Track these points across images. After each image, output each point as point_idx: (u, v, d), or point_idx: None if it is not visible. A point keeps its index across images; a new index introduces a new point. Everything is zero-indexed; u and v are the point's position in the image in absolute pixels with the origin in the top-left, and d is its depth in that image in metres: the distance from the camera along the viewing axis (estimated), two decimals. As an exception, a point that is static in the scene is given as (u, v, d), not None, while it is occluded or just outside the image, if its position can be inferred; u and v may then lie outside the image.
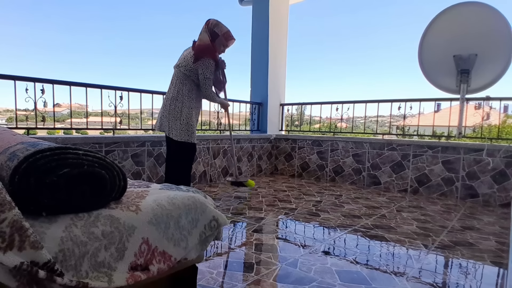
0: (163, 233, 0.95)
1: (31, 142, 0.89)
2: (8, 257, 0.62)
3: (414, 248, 1.93)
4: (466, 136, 3.66)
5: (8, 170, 0.75)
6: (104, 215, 0.84)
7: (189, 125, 2.49)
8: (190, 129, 2.50)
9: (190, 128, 2.50)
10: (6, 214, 0.64)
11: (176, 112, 2.49)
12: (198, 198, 1.12)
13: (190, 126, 2.50)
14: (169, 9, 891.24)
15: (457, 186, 3.38)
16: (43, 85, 2.63)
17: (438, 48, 3.23)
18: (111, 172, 0.87)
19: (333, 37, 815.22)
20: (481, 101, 3.48)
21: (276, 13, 4.81)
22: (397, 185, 3.73)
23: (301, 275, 1.53)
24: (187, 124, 2.49)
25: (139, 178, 3.15)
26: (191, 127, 2.51)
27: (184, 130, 2.49)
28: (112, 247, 0.81)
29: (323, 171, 4.34)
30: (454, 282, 1.53)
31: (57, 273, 0.68)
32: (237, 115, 4.53)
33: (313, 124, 5.19)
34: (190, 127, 2.50)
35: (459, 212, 2.85)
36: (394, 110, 3.92)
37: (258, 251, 1.82)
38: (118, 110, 3.15)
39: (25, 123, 2.78)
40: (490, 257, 1.84)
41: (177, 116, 2.49)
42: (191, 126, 2.51)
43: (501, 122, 4.43)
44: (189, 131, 2.50)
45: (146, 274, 0.87)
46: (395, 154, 3.75)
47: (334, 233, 2.17)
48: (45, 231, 0.72)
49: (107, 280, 0.78)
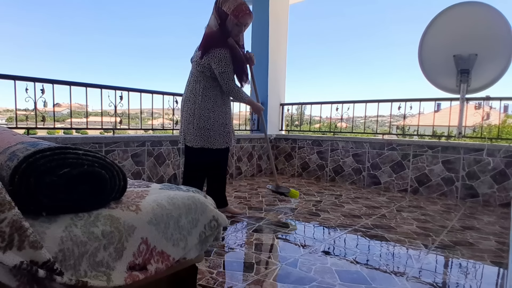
0: (163, 233, 0.95)
1: (31, 142, 0.89)
2: (8, 256, 0.62)
3: (414, 248, 1.93)
4: (466, 136, 3.66)
5: (8, 170, 0.75)
6: (104, 215, 0.84)
7: (204, 129, 2.18)
8: (207, 133, 2.18)
9: (206, 133, 2.18)
10: (5, 214, 0.64)
11: (188, 115, 2.20)
12: (198, 198, 1.12)
13: (207, 130, 2.18)
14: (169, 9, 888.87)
15: (457, 186, 3.38)
16: (43, 85, 2.63)
17: (438, 48, 3.23)
18: (111, 172, 0.87)
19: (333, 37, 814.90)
20: (481, 101, 3.48)
21: (276, 13, 4.81)
22: (397, 185, 3.73)
23: (301, 275, 1.53)
24: (202, 128, 2.17)
25: (139, 178, 3.15)
26: (207, 131, 2.18)
27: (199, 136, 2.18)
28: (111, 247, 0.81)
29: (323, 171, 4.34)
30: (454, 282, 1.53)
31: (56, 272, 0.68)
32: (237, 115, 4.53)
33: (313, 124, 5.19)
34: (206, 131, 2.18)
35: (459, 212, 2.85)
36: (394, 110, 3.93)
37: (258, 251, 1.82)
38: (118, 110, 3.15)
39: (25, 123, 2.78)
40: (490, 257, 1.84)
41: (189, 120, 2.19)
42: (207, 130, 2.18)
43: (501, 122, 4.43)
44: (205, 135, 2.18)
45: (144, 273, 0.87)
46: (395, 154, 3.75)
47: (334, 233, 2.17)
48: (45, 231, 0.72)
49: (106, 279, 0.78)
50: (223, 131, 2.24)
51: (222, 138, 2.24)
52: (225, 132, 2.26)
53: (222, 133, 2.23)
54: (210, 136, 2.19)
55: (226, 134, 2.26)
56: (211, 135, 2.19)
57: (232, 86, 2.15)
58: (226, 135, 2.27)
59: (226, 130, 2.26)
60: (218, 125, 2.21)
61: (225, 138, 2.26)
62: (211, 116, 2.18)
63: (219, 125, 2.21)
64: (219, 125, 2.21)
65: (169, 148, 3.40)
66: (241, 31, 2.15)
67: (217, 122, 2.21)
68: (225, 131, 2.26)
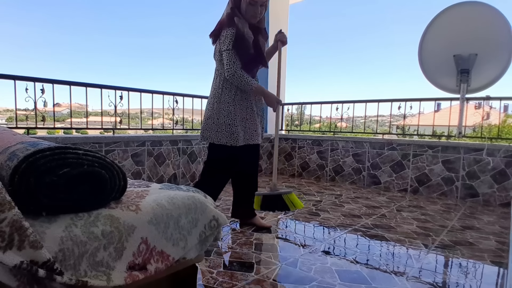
0: (163, 233, 0.95)
1: (31, 141, 0.89)
2: (8, 256, 0.62)
3: (414, 248, 1.93)
4: (466, 136, 3.66)
5: (8, 169, 0.75)
6: (104, 215, 0.84)
7: (219, 124, 1.97)
8: (220, 129, 1.97)
9: (220, 128, 1.97)
10: (6, 214, 0.64)
11: (208, 110, 2.05)
12: (198, 197, 1.12)
13: (220, 125, 1.97)
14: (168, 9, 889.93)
15: (457, 186, 3.38)
16: (43, 85, 2.63)
17: (438, 47, 3.23)
18: (111, 171, 0.87)
19: (333, 36, 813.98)
20: (481, 100, 3.48)
21: (276, 13, 4.81)
22: (397, 185, 3.73)
23: (301, 274, 1.53)
24: (216, 122, 1.98)
25: (139, 178, 3.15)
26: (221, 126, 1.97)
27: (213, 130, 1.99)
28: (111, 247, 0.81)
29: (323, 170, 4.34)
30: (454, 282, 1.53)
31: (56, 272, 0.68)
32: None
33: (313, 123, 5.18)
34: (220, 126, 1.97)
35: (459, 212, 2.85)
36: (394, 110, 3.93)
37: (258, 250, 1.82)
38: (118, 109, 3.15)
39: (25, 122, 2.78)
40: (490, 257, 1.84)
41: (208, 114, 2.04)
42: (221, 125, 1.96)
43: (501, 122, 4.43)
44: (218, 130, 1.98)
45: (144, 273, 0.87)
46: (395, 153, 3.75)
47: (334, 233, 2.17)
48: (45, 230, 0.72)
49: (106, 279, 0.78)
50: (244, 127, 2.01)
51: (244, 135, 2.00)
52: (247, 128, 2.02)
53: (244, 129, 2.01)
54: (223, 131, 1.96)
55: (248, 130, 2.02)
56: (224, 130, 1.96)
57: (233, 70, 1.88)
58: (248, 131, 2.02)
59: (248, 126, 2.02)
60: (240, 120, 1.98)
61: (247, 134, 2.02)
62: (231, 110, 1.96)
63: (240, 120, 1.98)
64: (240, 120, 1.98)
65: (169, 148, 3.40)
66: (257, 12, 1.91)
67: (238, 117, 1.98)
68: (247, 127, 2.02)
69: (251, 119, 2.05)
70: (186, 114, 4.19)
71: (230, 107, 1.97)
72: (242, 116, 2.01)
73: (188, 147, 3.61)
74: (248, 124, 2.03)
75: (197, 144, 3.69)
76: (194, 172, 3.67)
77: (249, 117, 2.04)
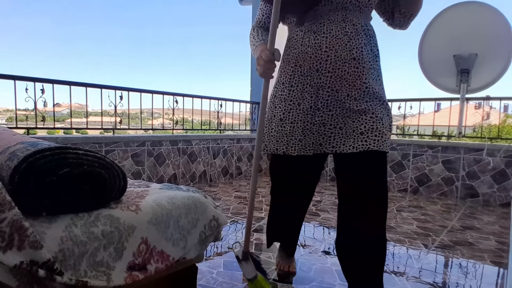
0: (163, 233, 0.95)
1: (31, 142, 0.89)
2: (8, 256, 0.62)
3: (414, 248, 1.93)
4: (466, 136, 3.67)
5: (8, 170, 0.75)
6: (104, 215, 0.84)
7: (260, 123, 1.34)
8: (266, 132, 1.45)
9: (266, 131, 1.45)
10: (6, 214, 0.64)
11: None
12: (198, 198, 1.12)
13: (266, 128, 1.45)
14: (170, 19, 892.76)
15: (457, 186, 3.38)
16: (43, 85, 2.63)
17: (438, 47, 3.23)
18: (111, 172, 0.87)
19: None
20: (481, 100, 3.49)
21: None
22: (397, 185, 3.73)
23: (301, 274, 1.53)
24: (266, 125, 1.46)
25: (139, 178, 3.15)
26: (260, 126, 1.33)
27: (264, 135, 1.47)
28: (111, 247, 0.81)
29: (323, 171, 4.34)
30: (454, 282, 1.53)
31: (56, 272, 0.68)
32: (237, 115, 4.53)
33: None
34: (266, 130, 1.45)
35: (459, 212, 2.85)
36: (394, 110, 3.92)
37: (258, 250, 1.82)
38: (118, 110, 3.15)
39: (25, 123, 2.78)
40: (490, 257, 1.84)
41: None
42: (260, 125, 1.33)
43: (501, 122, 4.43)
44: (265, 135, 1.46)
45: (144, 273, 0.87)
46: (395, 153, 3.75)
47: (334, 233, 2.17)
48: (45, 231, 0.72)
49: (106, 279, 0.78)
50: (277, 130, 1.40)
51: (276, 140, 1.40)
52: (280, 131, 1.38)
53: (277, 132, 1.40)
54: (266, 136, 1.45)
55: (282, 134, 1.38)
56: (266, 134, 1.45)
57: (251, 31, 1.51)
58: (282, 135, 1.38)
59: (280, 129, 1.39)
60: (276, 120, 1.40)
61: (281, 140, 1.38)
62: (270, 107, 1.45)
63: (277, 120, 1.40)
64: (277, 120, 1.40)
65: (169, 148, 3.40)
66: None
67: (273, 116, 1.43)
68: (279, 130, 1.39)
69: (288, 119, 1.39)
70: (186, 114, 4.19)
71: (270, 103, 1.49)
72: (274, 113, 1.46)
73: (188, 147, 3.61)
74: (282, 127, 1.43)
75: (197, 144, 3.69)
76: (194, 172, 3.68)
77: (285, 116, 1.40)
